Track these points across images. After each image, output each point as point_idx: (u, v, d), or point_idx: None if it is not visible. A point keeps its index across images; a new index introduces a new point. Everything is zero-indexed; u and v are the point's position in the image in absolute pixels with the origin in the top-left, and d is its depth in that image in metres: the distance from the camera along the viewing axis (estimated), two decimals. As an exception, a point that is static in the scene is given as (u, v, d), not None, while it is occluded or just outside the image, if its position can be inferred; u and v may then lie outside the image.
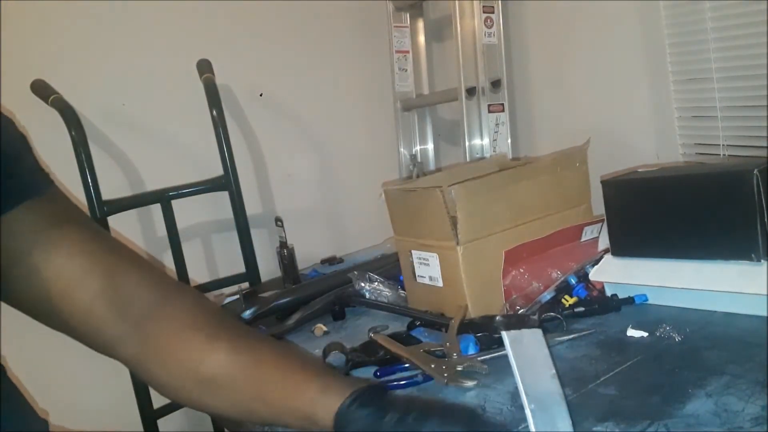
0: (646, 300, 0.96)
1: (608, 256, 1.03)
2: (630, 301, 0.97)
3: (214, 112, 1.50)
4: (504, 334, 0.66)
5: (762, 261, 0.84)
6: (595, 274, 1.02)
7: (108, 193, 1.42)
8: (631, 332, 0.86)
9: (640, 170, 1.05)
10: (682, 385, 0.69)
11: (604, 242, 1.11)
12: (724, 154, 1.28)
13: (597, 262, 1.05)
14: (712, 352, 0.76)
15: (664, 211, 0.94)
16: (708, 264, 0.89)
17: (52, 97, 1.38)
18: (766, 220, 0.83)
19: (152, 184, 1.60)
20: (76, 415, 1.45)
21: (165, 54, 1.62)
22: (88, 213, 1.38)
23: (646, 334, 0.85)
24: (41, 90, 1.41)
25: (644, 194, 0.98)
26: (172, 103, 1.63)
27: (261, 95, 1.77)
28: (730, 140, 1.27)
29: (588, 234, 1.12)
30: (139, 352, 0.62)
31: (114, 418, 1.53)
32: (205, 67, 1.56)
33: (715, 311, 0.88)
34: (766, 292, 0.81)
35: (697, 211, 0.90)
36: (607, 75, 1.49)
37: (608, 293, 1.01)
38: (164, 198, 1.51)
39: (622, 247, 1.01)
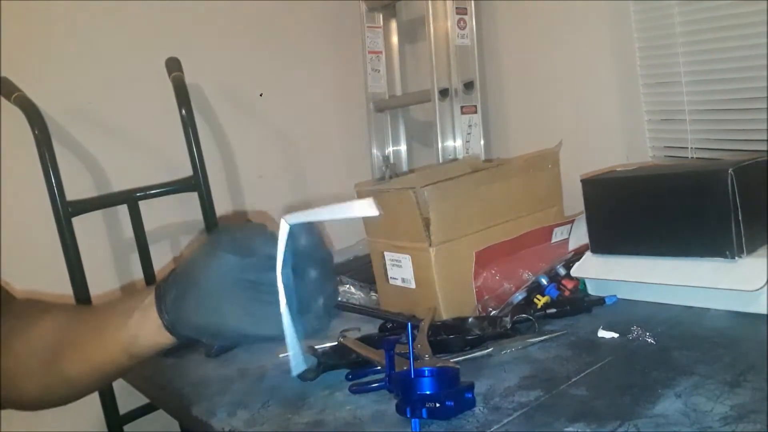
0: (616, 300, 0.97)
1: (588, 253, 1.04)
2: (601, 302, 0.97)
3: (183, 112, 1.48)
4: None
5: (736, 258, 0.85)
6: (576, 271, 1.03)
7: (73, 193, 1.39)
8: (602, 333, 0.87)
9: (618, 170, 1.07)
10: (651, 386, 0.70)
11: (573, 243, 1.12)
12: (691, 157, 1.30)
13: (567, 262, 1.05)
14: (681, 353, 0.77)
15: (643, 209, 0.96)
16: (685, 261, 0.91)
17: (14, 95, 1.34)
18: (740, 218, 0.84)
19: (119, 185, 1.56)
20: (38, 420, 1.41)
21: (133, 51, 1.59)
22: (52, 214, 1.35)
23: (616, 335, 0.85)
24: (4, 87, 1.37)
25: (623, 193, 1.00)
26: (140, 102, 1.60)
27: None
28: (698, 143, 1.30)
29: (558, 235, 1.13)
30: None
31: (78, 423, 1.50)
32: (174, 66, 1.53)
33: (691, 307, 0.90)
34: (739, 288, 0.83)
35: (675, 210, 0.92)
36: (579, 78, 1.50)
37: (588, 290, 1.02)
38: (131, 199, 1.48)
39: (602, 244, 1.02)
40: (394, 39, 1.91)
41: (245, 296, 0.58)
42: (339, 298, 1.19)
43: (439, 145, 1.62)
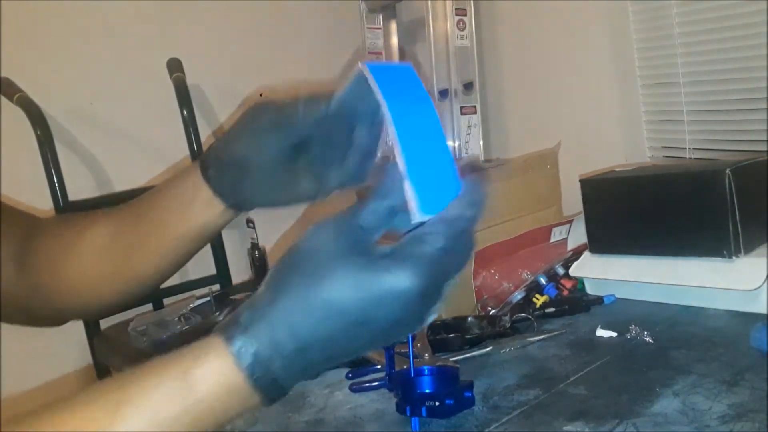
0: (614, 300, 0.98)
1: (587, 253, 1.04)
2: (599, 301, 0.98)
3: (185, 112, 1.48)
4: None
5: (733, 257, 0.86)
6: (574, 270, 1.03)
7: (74, 193, 1.39)
8: (600, 332, 0.87)
9: (617, 170, 1.07)
10: (650, 385, 0.70)
11: (572, 243, 1.12)
12: (689, 157, 1.31)
13: (566, 262, 1.06)
14: (679, 352, 0.77)
15: (641, 209, 0.96)
16: (683, 260, 0.91)
17: (17, 96, 1.35)
18: (738, 218, 0.85)
19: (120, 185, 1.57)
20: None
21: (134, 52, 1.59)
22: (54, 214, 1.35)
23: (614, 334, 0.86)
24: (6, 88, 1.37)
25: (622, 193, 1.00)
26: (142, 102, 1.60)
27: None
28: (696, 143, 1.30)
29: (557, 235, 1.13)
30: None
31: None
32: (175, 66, 1.54)
33: (689, 306, 0.90)
34: (737, 287, 0.84)
35: (673, 209, 0.92)
36: (578, 78, 1.51)
37: (587, 289, 1.02)
38: (132, 198, 1.48)
39: (600, 244, 1.02)
40: (394, 40, 1.91)
41: None
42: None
43: (439, 145, 1.62)
